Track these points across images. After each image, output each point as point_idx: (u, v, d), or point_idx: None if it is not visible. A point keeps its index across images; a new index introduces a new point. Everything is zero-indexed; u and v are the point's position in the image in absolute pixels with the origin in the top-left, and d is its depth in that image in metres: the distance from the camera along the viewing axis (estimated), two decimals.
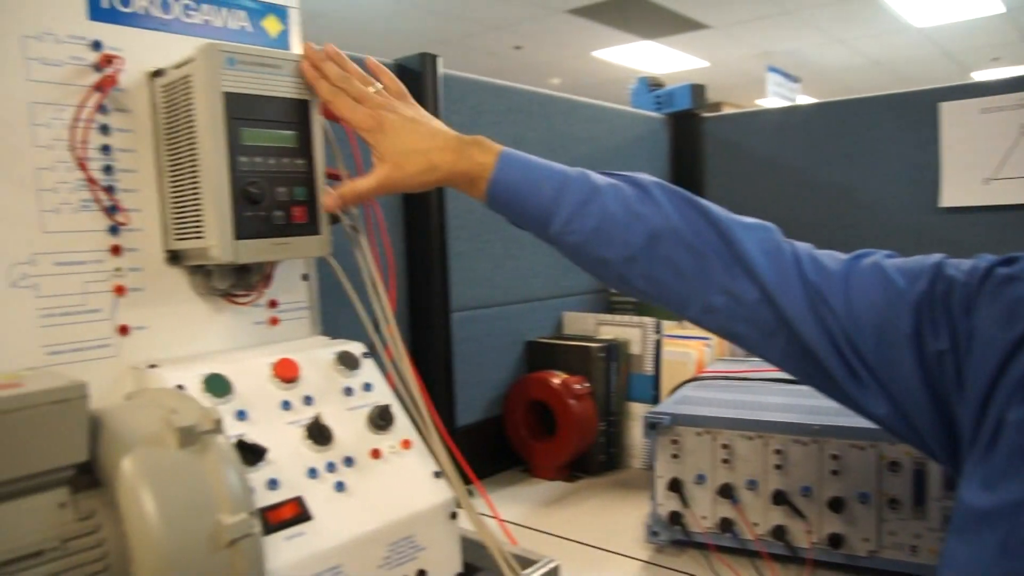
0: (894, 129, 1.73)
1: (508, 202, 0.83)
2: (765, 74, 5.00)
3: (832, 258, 0.74)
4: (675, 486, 1.07)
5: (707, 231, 0.78)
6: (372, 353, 0.92)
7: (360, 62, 0.88)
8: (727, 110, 2.25)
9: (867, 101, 1.77)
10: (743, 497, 1.04)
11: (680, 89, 2.01)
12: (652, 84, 2.07)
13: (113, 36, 0.80)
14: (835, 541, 0.98)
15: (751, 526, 1.03)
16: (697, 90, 2.01)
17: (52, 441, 0.56)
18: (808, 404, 1.06)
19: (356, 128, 0.85)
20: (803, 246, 0.76)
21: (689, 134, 2.03)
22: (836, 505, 0.97)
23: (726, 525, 1.05)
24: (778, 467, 1.01)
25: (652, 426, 1.08)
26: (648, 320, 1.48)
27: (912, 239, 1.70)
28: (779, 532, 1.01)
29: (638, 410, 1.48)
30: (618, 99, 1.93)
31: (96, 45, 0.78)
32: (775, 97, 5.14)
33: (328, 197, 0.86)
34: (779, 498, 1.01)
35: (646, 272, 0.79)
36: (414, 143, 0.84)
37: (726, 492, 1.04)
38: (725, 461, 1.05)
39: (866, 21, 6.21)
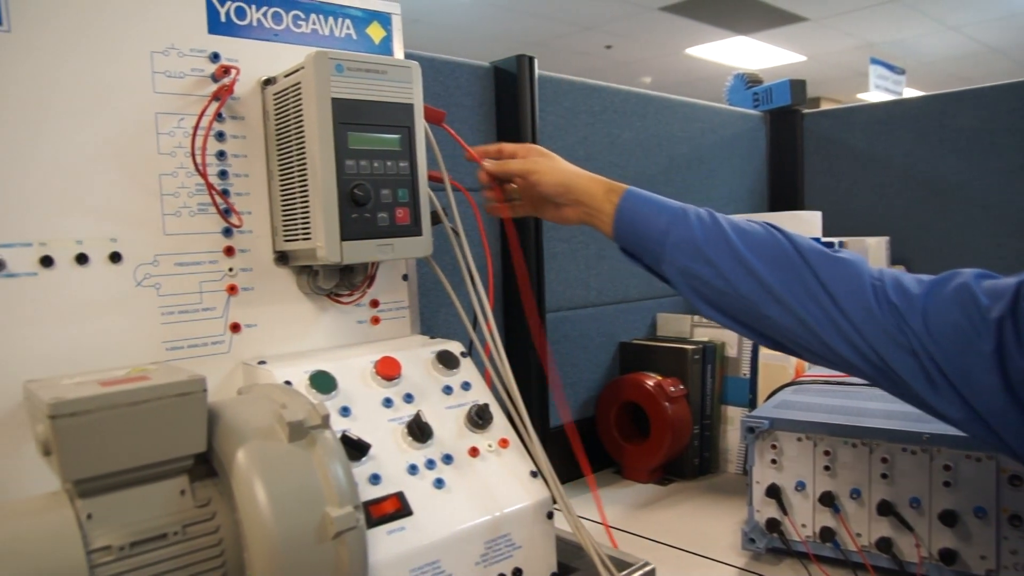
0: (1013, 120, 1.63)
1: (631, 222, 0.87)
2: (867, 67, 4.81)
3: (918, 281, 0.75)
4: (773, 492, 1.05)
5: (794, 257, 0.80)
6: (469, 353, 0.93)
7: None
8: (825, 106, 2.18)
9: (982, 92, 1.68)
10: (846, 506, 1.00)
11: (779, 85, 1.96)
12: (750, 81, 2.02)
13: (230, 48, 0.84)
14: (948, 557, 0.93)
15: (854, 537, 1.00)
16: (797, 86, 1.95)
17: (175, 432, 0.60)
18: (915, 411, 1.01)
19: (520, 172, 0.96)
20: (890, 271, 0.78)
21: (788, 131, 1.98)
22: (948, 519, 0.93)
23: (827, 534, 1.01)
24: (884, 476, 0.98)
25: (750, 430, 1.06)
26: None
27: None
28: (885, 544, 0.97)
29: (734, 414, 1.45)
30: (710, 97, 1.90)
31: (215, 57, 0.83)
32: (878, 91, 4.94)
33: (481, 172, 0.99)
34: (885, 509, 0.97)
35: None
36: (560, 167, 0.95)
37: (827, 500, 1.01)
38: (827, 468, 1.01)
39: (982, 5, 5.86)
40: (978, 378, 0.68)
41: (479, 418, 0.85)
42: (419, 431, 0.80)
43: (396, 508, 0.74)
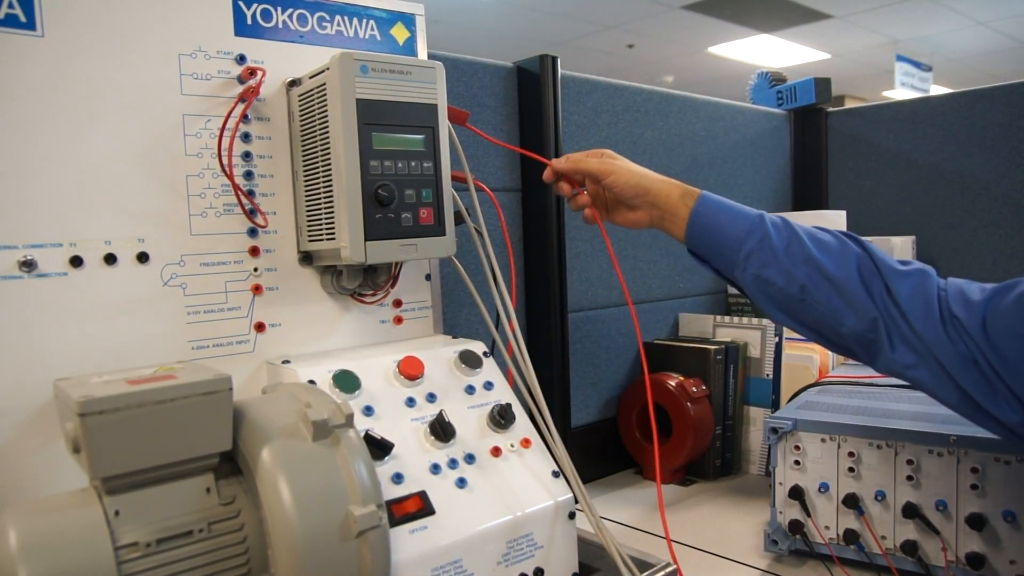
0: None
1: (706, 227, 0.88)
2: (893, 64, 4.75)
3: (980, 290, 0.77)
4: (796, 494, 1.04)
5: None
6: (492, 352, 0.94)
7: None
8: (850, 104, 2.15)
9: (1012, 88, 1.65)
10: (870, 508, 0.99)
11: (803, 83, 1.94)
12: (773, 79, 2.00)
13: (256, 49, 0.85)
14: (975, 561, 0.92)
15: (879, 539, 0.99)
16: (822, 84, 1.93)
17: (201, 430, 0.60)
18: (941, 413, 1.00)
19: (596, 172, 0.95)
20: (955, 281, 0.80)
21: (812, 130, 1.96)
22: (976, 522, 0.92)
23: (851, 537, 1.00)
24: (909, 478, 0.97)
25: (774, 431, 1.05)
26: (768, 322, 1.44)
27: None
28: (910, 547, 0.96)
29: (757, 415, 1.44)
30: (734, 96, 1.88)
31: (241, 59, 0.84)
32: (904, 88, 4.89)
33: (548, 169, 0.99)
34: (910, 511, 0.96)
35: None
36: (635, 168, 0.95)
37: (851, 502, 1.00)
38: (851, 470, 1.01)
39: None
40: None
41: (501, 418, 0.85)
42: (442, 430, 0.81)
43: (418, 507, 0.74)
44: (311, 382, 0.79)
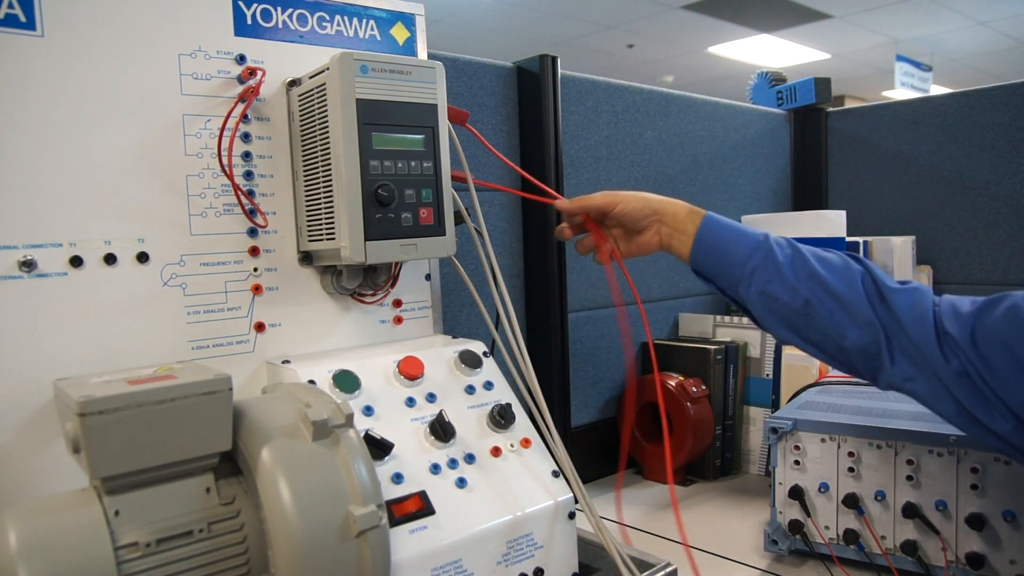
0: None
1: (711, 245, 0.90)
2: (892, 64, 4.75)
3: (971, 303, 0.79)
4: (796, 494, 1.04)
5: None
6: (492, 352, 0.94)
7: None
8: (850, 104, 2.15)
9: (1012, 88, 1.65)
10: (870, 508, 0.99)
11: (803, 83, 1.94)
12: (773, 79, 2.00)
13: (255, 49, 0.85)
14: (975, 561, 0.92)
15: (879, 539, 0.99)
16: (822, 84, 1.93)
17: (201, 430, 0.60)
18: None
19: (602, 205, 0.95)
20: (948, 297, 0.81)
21: (812, 130, 1.96)
22: (976, 522, 0.92)
23: (850, 537, 1.01)
24: (909, 478, 0.97)
25: (773, 431, 1.05)
26: None
27: None
28: (910, 547, 0.96)
29: (756, 414, 1.44)
30: (733, 96, 1.88)
31: (241, 59, 0.84)
32: (904, 88, 4.89)
33: (560, 201, 1.00)
34: (910, 511, 0.96)
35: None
36: (640, 193, 0.96)
37: (851, 502, 1.00)
38: (851, 470, 1.01)
39: None
40: None
41: (501, 418, 0.85)
42: (441, 430, 0.81)
43: (418, 507, 0.74)
44: (311, 382, 0.79)
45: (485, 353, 0.92)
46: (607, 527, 0.84)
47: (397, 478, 0.75)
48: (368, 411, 0.80)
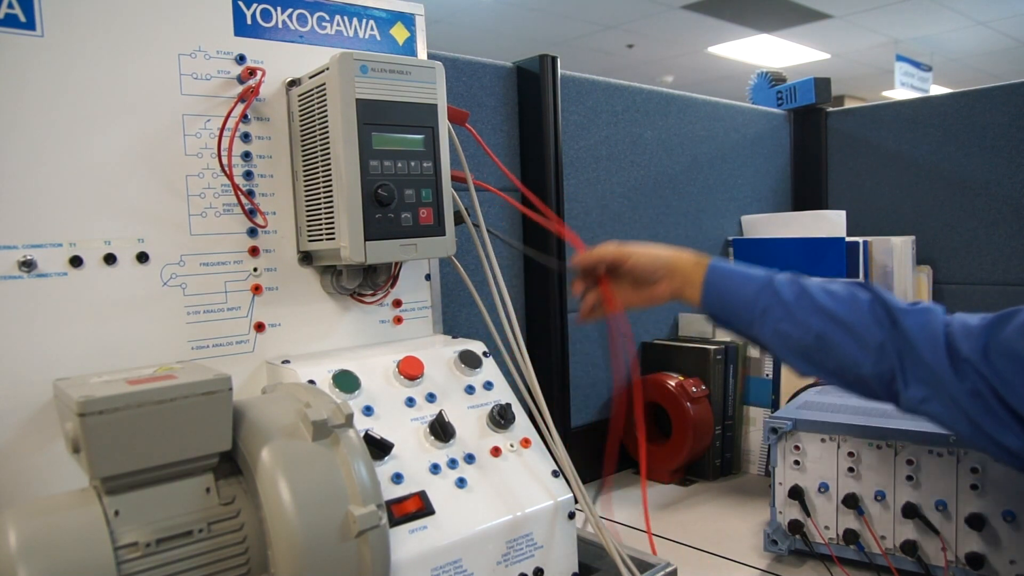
0: None
1: (720, 291, 0.91)
2: (892, 64, 4.75)
3: (981, 319, 0.79)
4: (796, 494, 1.04)
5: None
6: (491, 352, 0.94)
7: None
8: (850, 104, 2.15)
9: (1012, 88, 1.65)
10: (870, 508, 0.99)
11: (803, 83, 1.94)
12: (773, 79, 2.00)
13: (255, 49, 0.85)
14: (975, 561, 0.92)
15: (878, 539, 0.99)
16: (821, 84, 1.93)
17: (201, 430, 0.60)
18: None
19: (614, 259, 0.96)
20: (960, 316, 0.82)
21: (812, 130, 1.96)
22: (976, 522, 0.92)
23: (850, 537, 1.01)
24: (909, 478, 0.97)
25: (773, 431, 1.05)
26: None
27: None
28: (910, 547, 0.96)
29: (756, 414, 1.44)
30: (733, 96, 1.88)
31: (241, 58, 0.84)
32: (904, 88, 4.88)
33: (575, 257, 0.98)
34: (910, 511, 0.96)
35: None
36: (648, 246, 0.97)
37: (851, 502, 1.00)
38: (850, 470, 1.01)
39: None
40: None
41: (501, 418, 0.85)
42: (441, 430, 0.81)
43: (418, 507, 0.74)
44: (311, 382, 0.79)
45: (485, 353, 0.92)
46: (607, 527, 0.84)
47: (397, 478, 0.75)
48: (368, 411, 0.80)
